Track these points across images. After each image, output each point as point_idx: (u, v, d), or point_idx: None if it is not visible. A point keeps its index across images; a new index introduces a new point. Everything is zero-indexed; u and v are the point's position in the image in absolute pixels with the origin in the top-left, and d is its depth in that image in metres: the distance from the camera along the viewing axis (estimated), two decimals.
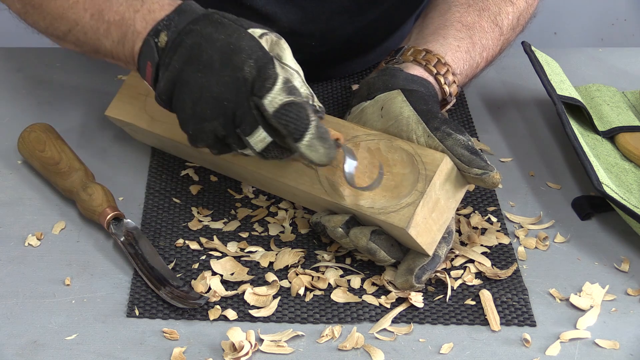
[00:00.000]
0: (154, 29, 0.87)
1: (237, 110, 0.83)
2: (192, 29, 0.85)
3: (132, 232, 0.92)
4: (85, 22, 0.93)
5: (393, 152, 0.88)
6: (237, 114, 0.83)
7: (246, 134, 0.83)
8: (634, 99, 1.18)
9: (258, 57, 0.83)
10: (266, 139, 0.83)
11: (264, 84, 0.81)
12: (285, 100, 0.81)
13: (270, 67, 0.82)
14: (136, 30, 0.89)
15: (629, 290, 0.89)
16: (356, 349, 0.82)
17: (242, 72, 0.82)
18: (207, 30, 0.85)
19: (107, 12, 0.91)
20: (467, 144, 0.87)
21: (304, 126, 0.81)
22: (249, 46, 0.83)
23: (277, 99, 0.81)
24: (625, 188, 1.00)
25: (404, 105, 0.90)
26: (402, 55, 0.99)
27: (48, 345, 0.81)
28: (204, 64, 0.84)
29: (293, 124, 0.81)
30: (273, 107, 0.81)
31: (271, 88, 0.81)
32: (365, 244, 0.85)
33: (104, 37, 0.92)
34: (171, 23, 0.86)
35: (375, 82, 0.95)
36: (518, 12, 1.05)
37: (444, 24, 1.02)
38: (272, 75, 0.82)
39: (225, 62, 0.83)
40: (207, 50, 0.84)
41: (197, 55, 0.84)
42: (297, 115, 0.81)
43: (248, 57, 0.82)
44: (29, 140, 1.01)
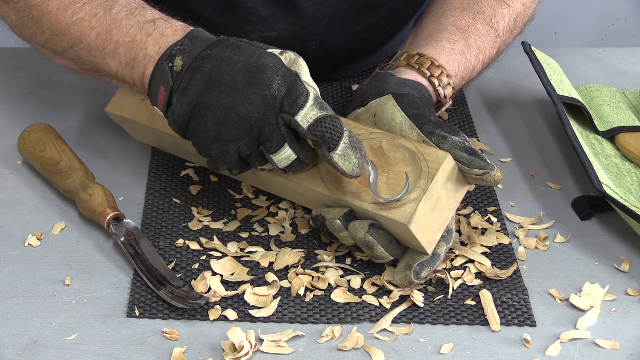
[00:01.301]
0: (167, 53, 0.86)
1: (264, 128, 0.83)
2: (209, 54, 0.85)
3: (132, 232, 0.92)
4: (91, 40, 0.92)
5: (395, 150, 0.88)
6: (263, 132, 0.83)
7: (271, 152, 0.84)
8: (634, 99, 1.18)
9: (285, 75, 0.83)
10: (291, 157, 0.84)
11: (296, 101, 0.82)
12: (319, 115, 0.82)
13: (299, 84, 0.82)
14: (148, 54, 0.88)
15: (629, 290, 0.89)
16: (356, 349, 0.82)
17: (271, 89, 0.82)
18: (225, 54, 0.84)
19: (116, 33, 0.90)
20: (463, 145, 0.87)
21: (338, 135, 0.82)
22: (273, 63, 0.83)
23: (310, 114, 0.82)
24: (625, 188, 1.00)
25: (395, 110, 0.90)
26: (396, 61, 0.99)
27: (48, 345, 0.81)
28: (226, 85, 0.83)
29: (329, 134, 0.81)
30: (307, 122, 0.82)
31: (304, 105, 0.82)
32: (362, 236, 0.85)
33: (110, 57, 0.91)
34: (185, 48, 0.86)
35: (367, 88, 0.96)
36: (514, 14, 1.05)
37: (437, 29, 1.02)
38: (303, 92, 0.82)
39: (251, 80, 0.83)
40: (229, 71, 0.83)
41: (219, 77, 0.83)
42: (332, 125, 0.82)
43: (275, 74, 0.82)
44: (29, 140, 1.01)
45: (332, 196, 0.87)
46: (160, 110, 0.88)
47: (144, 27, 0.89)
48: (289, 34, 1.10)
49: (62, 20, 0.93)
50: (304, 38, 1.11)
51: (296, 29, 1.10)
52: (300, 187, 0.89)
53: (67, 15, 0.93)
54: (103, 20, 0.91)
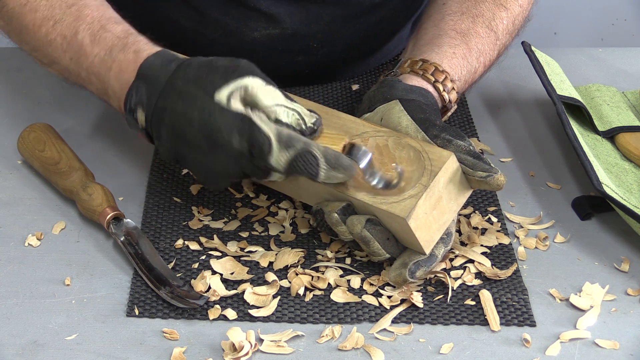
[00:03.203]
0: (128, 106, 0.88)
1: (245, 170, 0.85)
2: (164, 108, 0.85)
3: (132, 232, 0.92)
4: (66, 64, 0.93)
5: (401, 149, 0.88)
6: (246, 172, 0.85)
7: (261, 179, 0.86)
8: (634, 99, 1.18)
9: (240, 129, 0.82)
10: (281, 177, 0.85)
11: (262, 150, 0.82)
12: (289, 158, 0.82)
13: (256, 132, 0.82)
14: (114, 90, 0.90)
15: (629, 290, 0.89)
16: (356, 349, 0.82)
17: (233, 149, 0.83)
18: (178, 108, 0.84)
19: (84, 61, 0.92)
20: (468, 149, 0.87)
21: (315, 168, 0.82)
22: (224, 123, 0.83)
23: (281, 160, 0.82)
24: (625, 188, 1.00)
25: (402, 114, 0.91)
26: (400, 68, 0.99)
27: (48, 345, 0.81)
28: (192, 145, 0.85)
29: (306, 172, 0.83)
30: (281, 166, 0.83)
31: (270, 151, 0.82)
32: (359, 231, 0.85)
33: (87, 83, 0.93)
34: (140, 97, 0.87)
35: (375, 94, 0.96)
36: (512, 16, 1.05)
37: (438, 34, 1.02)
38: (264, 141, 0.82)
39: (212, 144, 0.84)
40: (188, 130, 0.84)
41: (182, 135, 0.85)
42: (305, 163, 0.82)
43: (229, 134, 0.82)
44: (29, 140, 1.01)
45: (334, 190, 0.87)
46: None
47: (104, 60, 0.90)
48: (292, 32, 1.10)
49: (38, 38, 0.94)
50: (306, 36, 1.11)
51: (299, 27, 1.10)
52: (302, 181, 0.89)
53: (42, 34, 0.94)
54: (72, 45, 0.92)
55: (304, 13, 1.10)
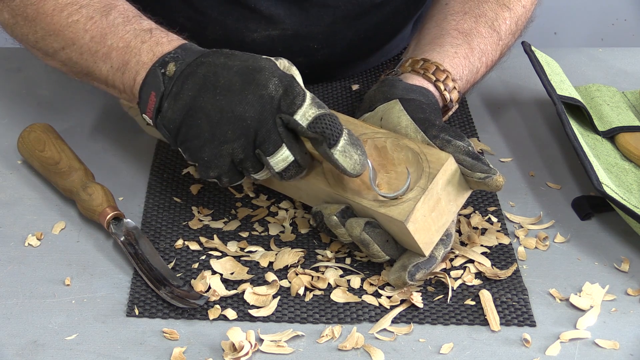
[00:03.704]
0: (160, 61, 0.86)
1: (260, 129, 0.82)
2: (203, 61, 0.85)
3: (132, 232, 0.92)
4: (84, 43, 0.92)
5: (399, 150, 0.88)
6: (260, 132, 0.82)
7: (268, 153, 0.83)
8: (634, 99, 1.18)
9: (281, 76, 0.83)
10: (288, 158, 0.83)
11: (294, 100, 0.82)
12: (318, 113, 0.82)
13: (296, 85, 0.83)
14: (141, 60, 0.88)
15: (629, 290, 0.89)
16: (356, 349, 0.82)
17: (267, 89, 0.82)
18: (220, 60, 0.85)
19: (111, 37, 0.90)
20: (467, 150, 0.87)
21: (338, 131, 0.82)
22: (269, 65, 0.84)
23: (309, 112, 0.82)
24: (625, 188, 1.00)
25: (402, 114, 0.91)
26: (401, 67, 0.99)
27: (48, 345, 0.81)
28: (222, 87, 0.83)
29: (329, 130, 0.82)
30: (307, 120, 0.82)
31: (302, 104, 0.82)
32: (358, 234, 0.85)
33: (101, 61, 0.91)
34: (179, 56, 0.86)
35: (375, 94, 0.96)
36: (515, 17, 1.05)
37: (440, 33, 1.02)
38: (300, 92, 0.82)
39: (247, 81, 0.83)
40: (224, 74, 0.84)
41: (213, 81, 0.84)
42: (332, 122, 0.82)
43: (271, 75, 0.83)
44: (29, 140, 1.01)
45: (334, 192, 0.87)
46: (150, 117, 0.87)
47: (140, 34, 0.89)
48: (292, 33, 1.10)
49: (57, 21, 0.93)
50: (306, 37, 1.12)
51: (299, 28, 1.10)
52: (303, 183, 0.89)
53: (62, 16, 0.92)
54: (99, 24, 0.91)
55: (304, 14, 1.10)
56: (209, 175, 0.86)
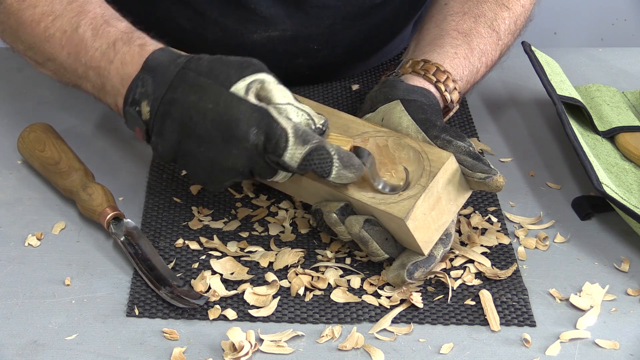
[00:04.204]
0: (130, 97, 0.86)
1: (254, 168, 0.84)
2: (174, 99, 0.84)
3: (132, 232, 0.92)
4: (63, 59, 0.91)
5: (400, 149, 0.88)
6: (254, 170, 0.84)
7: (267, 178, 0.85)
8: (634, 99, 1.18)
9: (258, 121, 0.82)
10: (287, 176, 0.85)
11: (278, 144, 0.81)
12: (304, 153, 0.81)
13: (275, 126, 0.81)
14: (113, 85, 0.88)
15: (629, 290, 0.89)
16: (356, 349, 0.82)
17: (249, 141, 0.82)
18: (190, 99, 0.83)
19: (84, 55, 0.90)
20: (468, 150, 0.87)
21: (328, 165, 0.82)
22: (243, 113, 0.82)
23: (296, 154, 0.81)
24: (625, 188, 1.00)
25: (403, 115, 0.91)
26: (401, 68, 0.99)
27: (48, 345, 0.81)
28: (202, 138, 0.83)
29: (319, 168, 0.82)
30: (295, 162, 0.82)
31: (286, 146, 0.81)
32: (357, 232, 0.86)
33: (82, 79, 0.91)
34: (147, 89, 0.85)
35: (376, 94, 0.96)
36: (514, 16, 1.05)
37: (439, 34, 1.02)
38: (282, 134, 0.81)
39: (227, 137, 0.82)
40: (200, 123, 0.83)
41: (192, 128, 0.83)
42: (320, 159, 0.82)
43: (248, 126, 0.81)
44: (29, 140, 1.01)
45: (334, 190, 0.87)
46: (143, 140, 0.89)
47: (106, 52, 0.89)
48: (292, 34, 1.10)
49: (36, 34, 0.93)
50: (306, 38, 1.11)
51: (299, 29, 1.10)
52: (303, 181, 0.89)
53: (40, 29, 0.92)
54: (71, 39, 0.90)
55: (304, 15, 1.09)
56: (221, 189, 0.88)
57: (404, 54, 1.06)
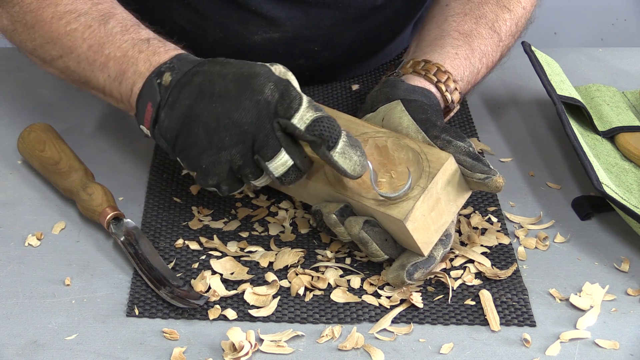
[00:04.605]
0: (156, 71, 0.86)
1: (258, 134, 0.82)
2: (199, 70, 0.85)
3: (132, 232, 0.92)
4: (82, 52, 0.91)
5: (400, 150, 0.88)
6: (258, 138, 0.82)
7: (267, 158, 0.83)
8: (634, 99, 1.18)
9: (277, 81, 0.83)
10: (288, 162, 0.83)
11: (291, 104, 0.81)
12: (315, 116, 0.82)
13: (292, 89, 0.82)
14: (138, 70, 0.88)
15: (629, 290, 0.89)
16: (356, 349, 0.82)
17: (264, 94, 0.82)
18: (215, 69, 0.85)
19: (109, 46, 0.90)
20: (468, 150, 0.87)
21: (337, 133, 0.82)
22: (264, 71, 0.83)
23: (306, 116, 0.81)
24: (625, 188, 1.00)
25: (403, 115, 0.91)
26: (402, 69, 0.99)
27: (48, 345, 0.81)
28: (218, 95, 0.83)
29: (327, 132, 0.81)
30: (304, 123, 0.81)
31: (298, 108, 0.81)
32: (357, 233, 0.86)
33: (99, 70, 0.91)
34: (174, 66, 0.86)
35: (377, 95, 0.96)
36: (515, 18, 1.06)
37: (440, 35, 1.02)
38: (296, 96, 0.82)
39: (243, 87, 0.82)
40: (220, 82, 0.83)
41: (209, 89, 0.83)
42: (330, 124, 0.81)
43: (267, 80, 0.82)
44: (29, 140, 1.01)
45: (334, 191, 0.87)
46: (147, 128, 0.87)
47: (137, 44, 0.89)
48: (292, 35, 1.10)
49: (55, 29, 0.93)
50: (307, 39, 1.11)
51: (300, 30, 1.10)
52: (303, 181, 0.89)
53: (61, 24, 0.92)
54: (97, 33, 0.91)
55: (304, 17, 1.10)
56: (208, 183, 0.86)
57: (405, 55, 1.06)
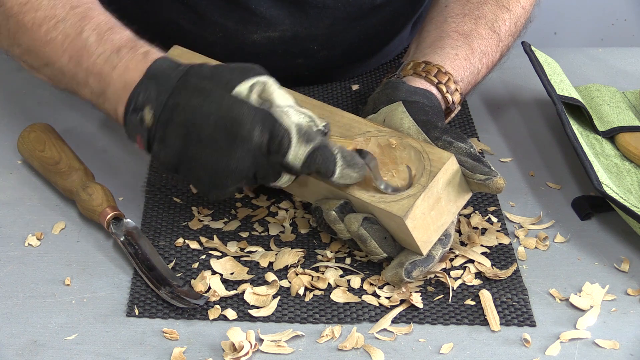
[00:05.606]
0: (133, 104, 0.84)
1: (258, 171, 0.83)
2: (176, 104, 0.83)
3: (132, 231, 0.92)
4: (63, 64, 0.90)
5: (402, 149, 0.88)
6: (258, 174, 0.83)
7: (270, 182, 0.84)
8: (634, 99, 1.18)
9: (261, 122, 0.81)
10: (291, 179, 0.85)
11: (282, 143, 0.81)
12: (308, 151, 0.81)
13: (278, 126, 0.81)
14: (115, 90, 0.86)
15: (629, 290, 0.89)
16: (356, 349, 0.82)
17: (253, 142, 0.81)
18: (193, 103, 0.82)
19: (86, 60, 0.88)
20: (469, 151, 0.87)
21: (332, 164, 0.82)
22: (246, 114, 0.81)
23: (299, 153, 0.81)
24: (625, 188, 1.00)
25: (404, 116, 0.91)
26: (402, 70, 0.99)
27: (48, 345, 0.81)
28: (206, 142, 0.82)
29: (323, 167, 0.82)
30: (299, 161, 0.82)
31: (289, 145, 0.81)
32: (356, 229, 0.86)
33: (82, 85, 0.90)
34: (149, 94, 0.84)
35: (379, 96, 0.96)
36: (514, 18, 1.05)
37: (440, 36, 1.02)
38: (285, 133, 0.81)
39: (231, 139, 0.81)
40: (204, 127, 0.82)
41: (196, 133, 0.82)
42: (323, 158, 0.82)
43: (252, 126, 0.81)
44: (29, 140, 1.01)
45: (334, 188, 0.87)
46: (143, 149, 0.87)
47: (109, 58, 0.87)
48: (291, 35, 1.10)
49: (36, 37, 0.91)
50: (306, 39, 1.11)
51: (299, 29, 1.10)
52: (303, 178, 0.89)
53: (41, 32, 0.90)
54: (74, 43, 0.89)
55: (303, 16, 1.10)
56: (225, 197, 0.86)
57: (405, 56, 1.06)
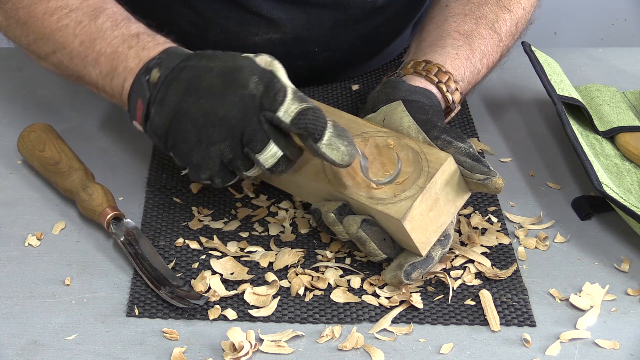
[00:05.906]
0: (145, 67, 0.87)
1: (246, 128, 0.82)
2: (186, 65, 0.85)
3: (132, 231, 0.92)
4: (74, 48, 0.92)
5: (400, 150, 0.88)
6: (246, 132, 0.82)
7: (256, 151, 0.83)
8: (634, 99, 1.18)
9: (261, 73, 0.83)
10: (277, 154, 0.83)
11: (276, 97, 0.81)
12: (300, 108, 0.81)
13: (276, 81, 0.82)
14: (128, 66, 0.88)
15: (629, 290, 0.89)
16: (356, 349, 0.82)
17: (248, 88, 0.82)
18: (201, 63, 0.84)
19: (99, 42, 0.90)
20: (468, 151, 0.87)
21: (322, 125, 0.81)
22: (248, 64, 0.83)
23: (291, 108, 0.81)
24: (625, 188, 1.00)
25: (404, 115, 0.91)
26: (403, 69, 0.99)
27: (48, 345, 0.81)
28: (204, 90, 0.83)
29: (312, 125, 0.81)
30: (290, 116, 0.81)
31: (283, 100, 0.81)
32: (355, 231, 0.86)
33: (91, 66, 0.91)
34: (162, 62, 0.86)
35: (378, 95, 0.96)
36: (515, 18, 1.06)
37: (441, 35, 1.02)
38: (281, 88, 0.82)
39: (228, 82, 0.82)
40: (206, 77, 0.83)
41: (196, 84, 0.83)
42: (315, 116, 0.81)
43: (250, 73, 0.82)
44: (29, 140, 1.01)
45: (333, 189, 0.87)
46: (139, 124, 0.88)
47: (127, 39, 0.89)
48: (293, 36, 1.10)
49: (47, 25, 0.93)
50: (307, 40, 1.11)
51: (300, 31, 1.10)
52: (303, 180, 0.89)
53: (52, 20, 0.93)
54: (88, 29, 0.91)
55: (305, 18, 1.10)
56: (200, 177, 0.86)
57: (405, 55, 1.06)
